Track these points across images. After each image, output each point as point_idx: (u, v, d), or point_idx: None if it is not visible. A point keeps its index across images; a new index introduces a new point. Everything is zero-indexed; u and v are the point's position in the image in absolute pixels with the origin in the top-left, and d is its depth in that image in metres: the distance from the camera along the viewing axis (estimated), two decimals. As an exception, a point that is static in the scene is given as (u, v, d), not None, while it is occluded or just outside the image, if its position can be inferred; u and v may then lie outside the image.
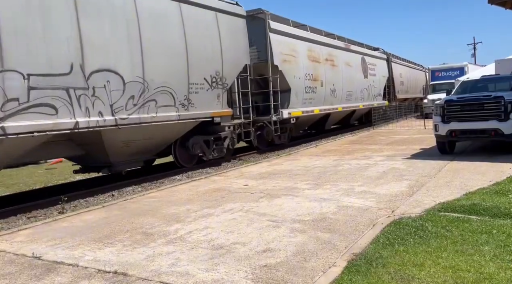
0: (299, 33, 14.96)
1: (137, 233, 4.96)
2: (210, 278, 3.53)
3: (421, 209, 5.22)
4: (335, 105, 17.17)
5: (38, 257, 4.28)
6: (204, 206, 6.14)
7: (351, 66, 18.92)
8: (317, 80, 15.62)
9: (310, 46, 15.46)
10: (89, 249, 4.46)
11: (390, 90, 24.75)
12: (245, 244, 4.35)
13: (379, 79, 22.64)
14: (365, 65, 20.62)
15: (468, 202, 5.24)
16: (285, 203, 6.04)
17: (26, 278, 3.78)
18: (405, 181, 7.02)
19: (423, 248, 3.90)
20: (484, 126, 8.85)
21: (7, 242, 4.90)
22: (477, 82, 10.95)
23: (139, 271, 3.77)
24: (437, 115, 9.52)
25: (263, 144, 13.86)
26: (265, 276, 3.50)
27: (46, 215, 6.74)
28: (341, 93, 17.61)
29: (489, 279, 3.20)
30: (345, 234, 4.49)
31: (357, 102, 19.56)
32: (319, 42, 16.24)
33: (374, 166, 8.75)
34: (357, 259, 3.71)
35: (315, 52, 15.76)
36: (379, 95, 22.62)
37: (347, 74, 18.28)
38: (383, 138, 14.83)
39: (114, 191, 8.32)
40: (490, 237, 4.08)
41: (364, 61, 20.64)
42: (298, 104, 14.26)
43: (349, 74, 18.47)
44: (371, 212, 5.30)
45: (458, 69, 26.68)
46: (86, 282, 3.60)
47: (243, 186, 7.51)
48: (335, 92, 17.08)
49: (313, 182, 7.45)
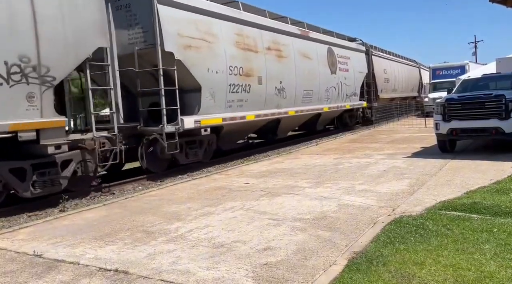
0: (220, 9, 10.55)
1: (138, 231, 4.97)
2: (210, 276, 3.54)
3: (421, 207, 5.22)
4: (283, 108, 13.07)
5: (39, 255, 4.29)
6: (204, 205, 6.15)
7: (311, 58, 14.83)
8: (252, 75, 11.42)
9: (241, 29, 11.11)
10: (90, 247, 4.46)
11: (371, 88, 21.09)
12: (246, 242, 4.35)
13: (354, 76, 18.77)
14: (333, 58, 16.60)
15: (469, 201, 5.24)
16: (285, 201, 6.04)
17: (27, 276, 3.79)
18: (406, 180, 7.02)
19: (424, 246, 3.90)
20: (485, 125, 8.84)
21: (8, 240, 4.92)
22: (478, 81, 10.94)
23: (140, 269, 3.78)
24: (438, 113, 9.51)
25: (158, 165, 9.53)
26: (266, 274, 3.51)
27: (47, 213, 6.75)
28: (293, 92, 13.61)
29: (489, 277, 3.20)
30: (346, 232, 4.50)
31: (320, 103, 15.65)
32: (256, 24, 11.79)
33: (375, 165, 8.75)
34: (358, 258, 3.72)
35: (249, 38, 11.41)
36: (353, 94, 18.76)
37: (304, 68, 14.29)
38: (383, 136, 14.82)
39: (115, 190, 8.32)
40: (491, 235, 4.08)
41: (332, 53, 16.59)
42: (217, 108, 10.22)
43: (307, 69, 14.50)
44: (372, 210, 5.30)
45: (459, 68, 26.67)
46: (87, 280, 3.61)
47: (244, 185, 7.52)
48: (283, 92, 13.01)
49: (313, 181, 7.45)
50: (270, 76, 12.30)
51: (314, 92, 15.05)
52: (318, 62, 15.43)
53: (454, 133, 9.26)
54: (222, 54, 10.39)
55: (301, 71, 14.10)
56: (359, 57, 19.69)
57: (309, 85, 14.75)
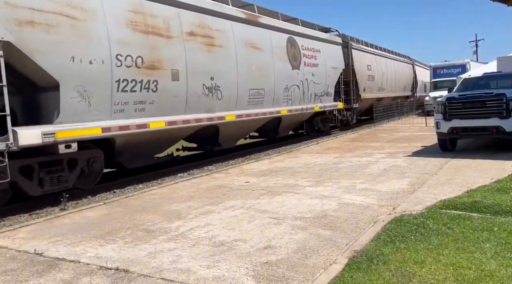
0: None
1: (139, 230, 4.98)
2: (211, 275, 3.54)
3: (422, 206, 5.22)
4: (218, 112, 10.23)
5: (40, 254, 4.30)
6: (205, 203, 6.15)
7: (261, 49, 12.01)
8: (160, 68, 8.51)
9: (140, 4, 8.21)
10: (90, 246, 4.47)
11: (350, 87, 18.52)
12: (246, 241, 4.36)
13: (326, 72, 15.85)
14: (295, 50, 13.85)
15: (469, 200, 5.24)
16: (286, 200, 6.05)
17: (28, 274, 3.79)
18: (406, 179, 7.02)
19: (424, 245, 3.91)
20: (485, 124, 8.84)
21: (9, 239, 4.92)
22: (479, 80, 10.93)
23: (141, 267, 3.78)
24: (438, 112, 9.51)
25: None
26: (266, 273, 3.51)
27: (47, 212, 6.76)
28: (233, 92, 10.75)
29: (490, 276, 3.20)
30: (346, 231, 4.50)
31: (277, 105, 12.78)
32: (169, 0, 8.91)
33: (375, 164, 8.74)
34: (358, 256, 3.72)
35: (155, 18, 8.47)
36: (325, 94, 15.93)
37: (251, 62, 11.43)
38: (384, 135, 14.82)
39: (115, 188, 8.32)
40: (491, 234, 4.08)
41: (295, 44, 13.84)
42: (95, 113, 7.32)
43: (255, 63, 11.62)
44: (372, 209, 5.30)
45: (460, 67, 26.62)
46: (88, 278, 3.62)
47: (244, 183, 7.52)
48: (217, 91, 10.16)
49: (314, 180, 7.45)
50: (194, 71, 9.35)
51: (266, 91, 12.18)
52: (273, 55, 12.50)
53: (455, 132, 9.25)
54: (103, 37, 7.37)
55: (246, 66, 11.16)
56: (333, 50, 16.77)
57: (259, 83, 11.80)
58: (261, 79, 11.95)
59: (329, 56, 16.26)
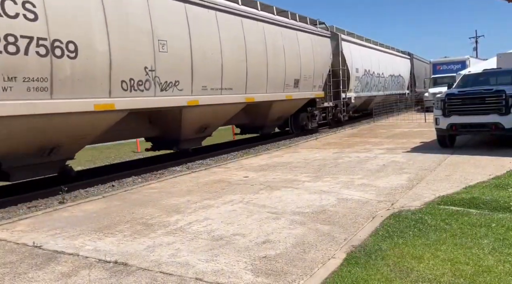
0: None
1: (137, 224, 4.98)
2: (210, 268, 3.55)
3: (420, 202, 5.24)
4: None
5: (39, 247, 4.30)
6: (204, 198, 6.15)
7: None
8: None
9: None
10: (89, 239, 4.48)
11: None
12: (245, 235, 4.37)
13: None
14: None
15: (467, 196, 5.25)
16: (285, 195, 6.05)
17: (26, 267, 3.80)
18: (405, 175, 7.03)
19: (422, 241, 3.92)
20: (484, 120, 8.84)
21: (7, 232, 4.92)
22: (479, 76, 10.92)
23: (140, 261, 3.79)
24: (438, 108, 9.50)
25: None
26: (265, 267, 3.52)
27: (46, 205, 6.76)
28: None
29: (487, 272, 3.21)
30: (345, 226, 4.51)
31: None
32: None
33: (374, 159, 8.75)
34: (356, 251, 3.73)
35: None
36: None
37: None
38: (383, 131, 14.82)
39: (114, 182, 8.33)
40: (489, 230, 4.09)
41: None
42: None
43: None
44: (371, 204, 5.31)
45: (459, 63, 26.58)
46: (86, 271, 3.62)
47: (243, 178, 7.52)
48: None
49: (313, 175, 7.46)
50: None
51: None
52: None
53: (454, 128, 9.25)
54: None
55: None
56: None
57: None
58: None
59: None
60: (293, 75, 14.09)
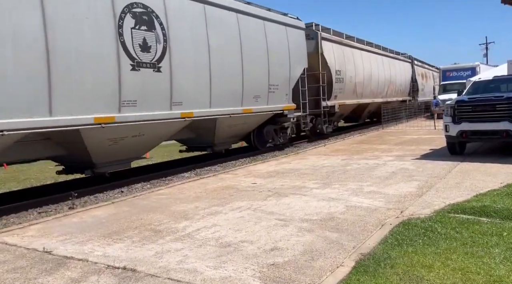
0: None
1: (146, 230, 5.00)
2: (218, 275, 3.55)
3: (430, 210, 5.18)
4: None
5: (49, 252, 4.34)
6: (212, 204, 6.16)
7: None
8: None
9: None
10: (98, 245, 4.50)
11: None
12: (253, 242, 4.36)
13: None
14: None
15: (478, 204, 5.19)
16: (293, 202, 6.04)
17: (37, 272, 3.83)
18: (415, 182, 6.97)
19: (432, 249, 3.88)
20: (495, 127, 8.75)
21: (18, 237, 4.98)
22: (489, 83, 10.82)
23: (148, 267, 3.81)
24: (447, 115, 9.43)
25: None
26: (273, 275, 3.51)
27: (56, 210, 6.82)
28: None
29: (499, 281, 3.17)
30: (353, 234, 4.48)
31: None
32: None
33: (383, 166, 8.70)
34: (365, 259, 3.70)
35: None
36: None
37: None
38: (392, 138, 14.74)
39: (124, 188, 8.38)
40: (501, 239, 4.04)
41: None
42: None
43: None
44: (380, 212, 5.27)
45: (469, 69, 26.37)
46: (95, 277, 3.64)
47: (251, 185, 7.52)
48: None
49: (321, 182, 7.43)
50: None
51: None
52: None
53: (464, 135, 9.17)
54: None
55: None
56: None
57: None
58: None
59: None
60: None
